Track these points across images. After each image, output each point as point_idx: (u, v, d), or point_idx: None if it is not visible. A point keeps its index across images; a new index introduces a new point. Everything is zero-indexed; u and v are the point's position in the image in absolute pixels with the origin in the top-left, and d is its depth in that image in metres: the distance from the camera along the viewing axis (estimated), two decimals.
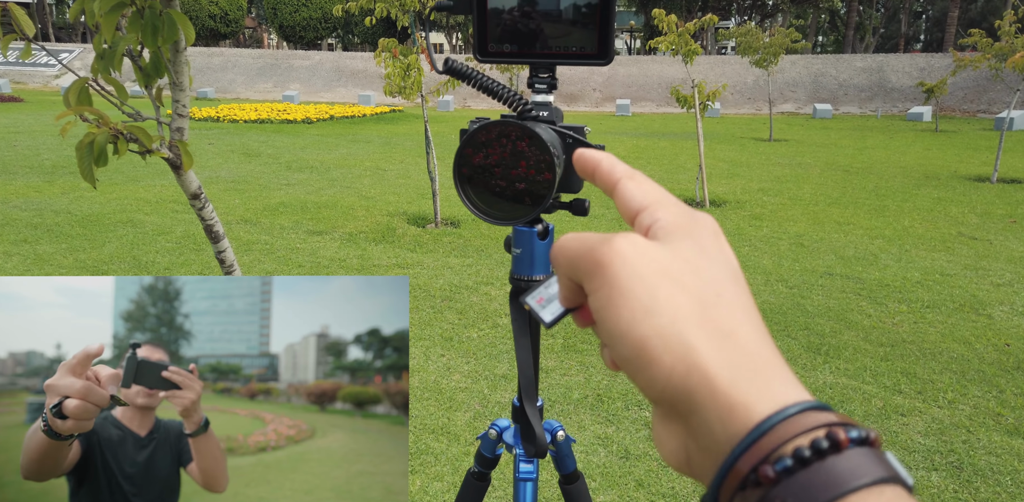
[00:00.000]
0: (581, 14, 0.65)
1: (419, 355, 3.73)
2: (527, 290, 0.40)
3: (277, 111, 18.27)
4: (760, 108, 24.43)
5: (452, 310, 4.40)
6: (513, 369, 3.57)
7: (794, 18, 46.02)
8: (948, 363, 3.68)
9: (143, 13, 1.08)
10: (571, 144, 0.67)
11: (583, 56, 0.67)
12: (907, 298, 4.71)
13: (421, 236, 6.19)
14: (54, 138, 12.55)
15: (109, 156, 1.14)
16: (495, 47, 0.68)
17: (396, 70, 6.04)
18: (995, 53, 9.81)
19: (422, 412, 3.13)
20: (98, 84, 1.21)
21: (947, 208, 7.75)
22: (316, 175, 9.44)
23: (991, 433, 2.99)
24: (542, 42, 0.67)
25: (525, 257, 0.74)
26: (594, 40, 0.65)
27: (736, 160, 11.83)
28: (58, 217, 6.52)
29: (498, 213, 0.63)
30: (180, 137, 1.27)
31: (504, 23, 0.67)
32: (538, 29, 0.66)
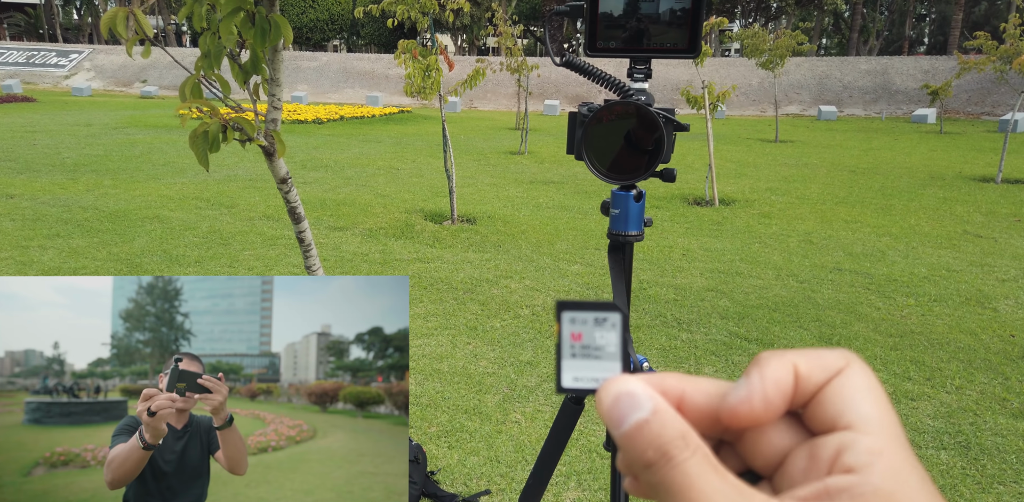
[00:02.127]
0: (676, 17, 0.81)
1: (446, 343, 3.89)
2: (572, 303, 0.32)
3: (287, 111, 18.45)
4: (765, 110, 24.58)
5: (474, 302, 4.55)
6: (538, 356, 3.73)
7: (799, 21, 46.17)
8: (955, 352, 3.83)
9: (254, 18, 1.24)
10: (664, 122, 0.83)
11: (676, 51, 0.82)
12: (915, 292, 4.86)
13: (439, 232, 6.35)
14: (72, 137, 12.74)
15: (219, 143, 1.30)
16: (603, 44, 0.83)
17: (416, 71, 6.21)
18: (1000, 56, 9.95)
19: (453, 394, 3.28)
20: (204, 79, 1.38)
21: (952, 207, 7.89)
22: (331, 174, 9.61)
23: (997, 416, 3.14)
24: (642, 39, 0.83)
25: (622, 216, 0.90)
26: (686, 38, 0.81)
27: (744, 160, 11.98)
28: (87, 213, 6.70)
29: (615, 175, 0.79)
30: (274, 127, 1.43)
31: (611, 24, 0.82)
32: (639, 28, 0.82)
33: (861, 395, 0.28)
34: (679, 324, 4.23)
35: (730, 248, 6.02)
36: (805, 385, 0.29)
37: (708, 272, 5.30)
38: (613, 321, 0.31)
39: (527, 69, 12.65)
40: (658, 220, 7.14)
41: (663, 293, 4.78)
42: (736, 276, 5.22)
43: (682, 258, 5.68)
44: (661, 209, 7.66)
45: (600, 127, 0.78)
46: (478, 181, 9.32)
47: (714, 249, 5.98)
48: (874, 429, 0.27)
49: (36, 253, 5.37)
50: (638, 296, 4.72)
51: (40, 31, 52.00)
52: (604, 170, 0.79)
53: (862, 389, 0.28)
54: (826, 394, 0.28)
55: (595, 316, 0.31)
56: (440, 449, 2.82)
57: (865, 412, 0.28)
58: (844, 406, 0.28)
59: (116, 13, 1.25)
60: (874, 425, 0.27)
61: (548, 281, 5.00)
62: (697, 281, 5.08)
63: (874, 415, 0.28)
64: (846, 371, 0.29)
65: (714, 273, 5.28)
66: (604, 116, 0.77)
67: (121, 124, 15.28)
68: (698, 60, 7.86)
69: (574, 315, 0.31)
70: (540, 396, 3.29)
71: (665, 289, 4.87)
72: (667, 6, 0.81)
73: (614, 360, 0.31)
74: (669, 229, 6.71)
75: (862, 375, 0.29)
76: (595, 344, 0.31)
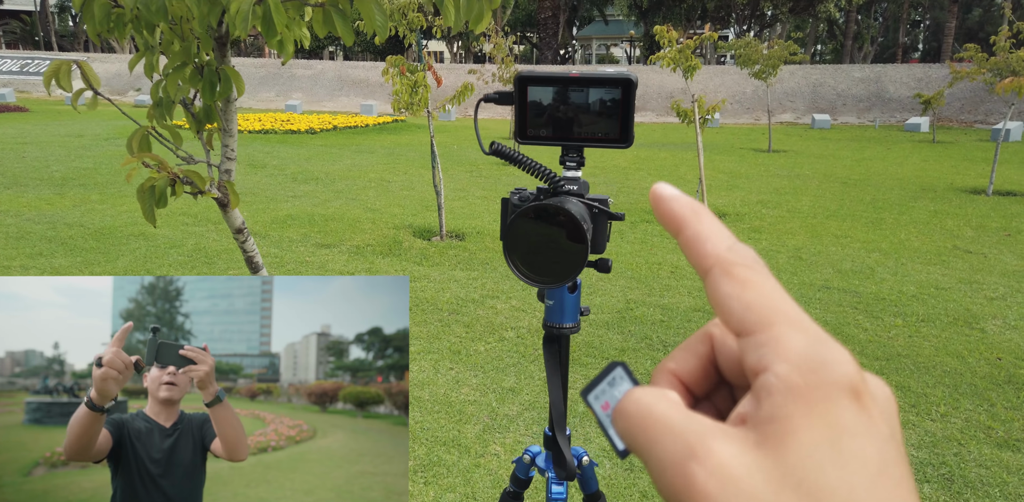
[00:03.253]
0: (606, 107, 0.78)
1: (428, 368, 3.85)
2: (588, 387, 0.33)
3: (280, 121, 18.43)
4: (759, 118, 24.61)
5: (459, 323, 4.52)
6: (520, 382, 3.69)
7: (793, 29, 46.34)
8: (941, 377, 3.80)
9: (202, 71, 1.21)
10: (597, 214, 0.79)
11: (607, 140, 0.79)
12: (903, 312, 4.84)
13: (427, 249, 6.31)
14: (63, 149, 12.69)
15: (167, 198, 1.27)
16: (533, 132, 0.80)
17: (404, 87, 6.18)
18: (990, 68, 9.97)
19: (433, 425, 3.24)
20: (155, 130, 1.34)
21: (943, 221, 7.88)
22: (321, 187, 9.58)
23: (982, 446, 3.11)
24: (573, 128, 0.79)
25: (556, 307, 0.87)
26: (617, 128, 0.78)
27: (736, 172, 11.97)
28: (71, 230, 6.65)
29: (541, 278, 0.75)
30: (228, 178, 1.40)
31: (541, 112, 0.79)
32: (570, 118, 0.79)
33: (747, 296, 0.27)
34: (665, 347, 4.19)
35: None
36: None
37: (696, 291, 5.27)
38: (619, 375, 0.33)
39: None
40: (648, 235, 7.11)
41: (650, 314, 4.75)
42: None
43: (670, 276, 5.66)
44: (651, 223, 7.63)
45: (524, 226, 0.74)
46: (469, 194, 9.30)
47: None
48: (773, 318, 0.26)
49: (17, 274, 5.32)
50: (624, 317, 4.69)
51: (36, 38, 51.96)
52: (529, 272, 0.76)
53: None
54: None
55: (607, 382, 0.33)
56: (416, 485, 2.78)
57: (745, 304, 0.27)
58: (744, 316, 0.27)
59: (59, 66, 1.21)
60: (770, 315, 0.26)
61: (534, 301, 4.96)
62: (685, 300, 5.05)
63: (758, 305, 0.26)
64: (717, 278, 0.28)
65: (702, 292, 5.25)
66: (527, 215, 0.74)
67: (113, 134, 15.24)
68: (688, 73, 7.86)
69: (594, 393, 0.33)
70: (521, 426, 3.25)
71: (652, 309, 4.83)
72: (597, 96, 0.78)
73: None
74: (658, 244, 6.68)
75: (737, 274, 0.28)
76: (619, 401, 0.32)
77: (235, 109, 1.37)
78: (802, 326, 0.25)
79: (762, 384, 0.25)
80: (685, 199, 0.29)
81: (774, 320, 0.26)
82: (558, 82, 0.78)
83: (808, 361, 0.24)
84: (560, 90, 0.77)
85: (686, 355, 0.31)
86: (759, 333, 0.26)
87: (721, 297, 0.27)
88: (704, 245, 0.28)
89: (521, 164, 0.77)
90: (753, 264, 0.28)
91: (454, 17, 1.06)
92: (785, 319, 0.26)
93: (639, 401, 0.27)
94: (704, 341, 0.31)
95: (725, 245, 0.28)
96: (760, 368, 0.25)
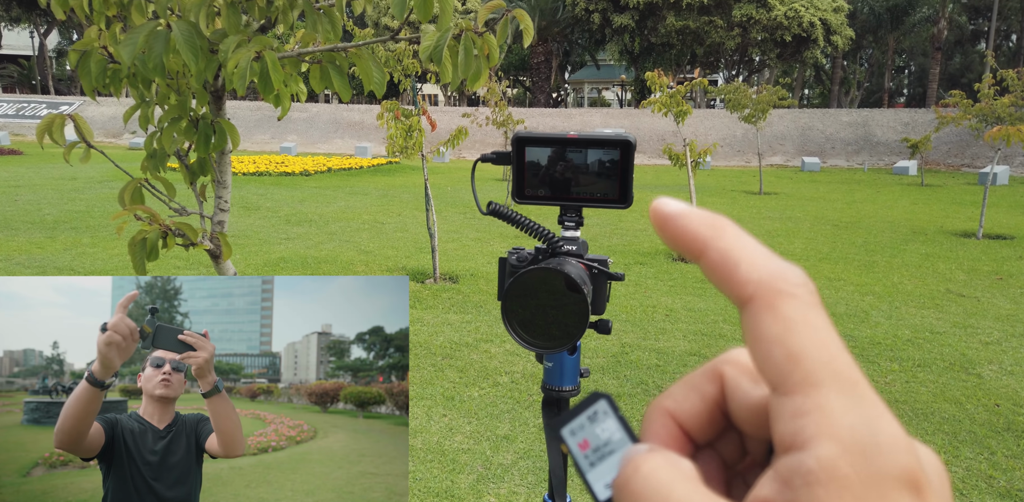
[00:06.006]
0: (605, 167, 0.77)
1: (421, 415, 3.79)
2: (563, 419, 0.30)
3: (275, 163, 18.54)
4: (750, 160, 24.91)
5: (453, 368, 4.46)
6: (515, 429, 3.63)
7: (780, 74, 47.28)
8: (940, 424, 3.76)
9: (197, 124, 1.21)
10: (596, 274, 0.78)
11: (606, 201, 0.79)
12: (898, 356, 4.81)
13: (420, 292, 6.28)
14: (55, 192, 12.71)
15: (158, 250, 1.26)
16: (531, 191, 0.80)
17: (398, 131, 6.24)
18: (976, 113, 10.15)
19: (425, 475, 3.17)
20: (147, 182, 1.34)
21: (935, 264, 7.91)
22: (315, 229, 9.58)
23: (984, 496, 3.05)
24: (571, 188, 0.79)
25: (556, 370, 0.85)
26: (616, 189, 0.78)
27: (728, 214, 11.89)
28: (61, 274, 6.60)
29: (541, 343, 0.74)
30: (221, 229, 1.39)
31: (539, 172, 0.79)
32: (568, 178, 0.78)
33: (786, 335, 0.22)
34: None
35: (714, 308, 5.97)
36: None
37: (691, 334, 5.24)
38: (602, 410, 0.29)
39: (512, 123, 12.79)
40: (642, 277, 7.10)
41: (645, 358, 4.71)
42: (719, 339, 5.16)
43: (665, 319, 5.63)
44: (645, 265, 7.63)
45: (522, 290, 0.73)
46: (463, 236, 9.30)
47: (698, 309, 5.93)
48: (821, 376, 0.21)
49: None
50: (619, 361, 4.65)
51: (33, 82, 52.51)
52: (528, 337, 0.74)
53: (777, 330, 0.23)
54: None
55: (587, 416, 0.29)
56: None
57: (794, 353, 0.22)
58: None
59: (52, 120, 1.21)
60: (818, 371, 0.21)
61: None
62: (680, 344, 5.01)
63: (809, 356, 0.22)
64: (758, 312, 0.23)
65: (697, 335, 5.22)
66: (526, 279, 0.73)
67: (106, 177, 15.28)
68: (679, 118, 7.97)
69: (570, 427, 0.29)
70: (516, 475, 3.18)
71: (647, 353, 4.79)
72: (595, 157, 0.77)
73: (625, 443, 0.28)
74: (653, 287, 6.67)
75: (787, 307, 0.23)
76: (602, 441, 0.29)
77: (229, 161, 1.37)
78: (855, 391, 0.21)
79: (798, 467, 0.20)
80: (697, 213, 0.25)
81: (822, 379, 0.21)
82: (556, 143, 0.77)
83: (859, 443, 0.20)
84: (558, 150, 0.77)
85: (688, 394, 0.27)
86: (800, 394, 0.21)
87: (759, 338, 0.22)
88: (737, 270, 0.24)
89: (519, 225, 0.76)
90: (802, 292, 0.23)
91: (452, 75, 1.06)
92: (835, 379, 0.21)
93: (650, 479, 0.23)
94: (712, 380, 0.27)
95: (765, 267, 0.23)
96: (797, 443, 0.20)
